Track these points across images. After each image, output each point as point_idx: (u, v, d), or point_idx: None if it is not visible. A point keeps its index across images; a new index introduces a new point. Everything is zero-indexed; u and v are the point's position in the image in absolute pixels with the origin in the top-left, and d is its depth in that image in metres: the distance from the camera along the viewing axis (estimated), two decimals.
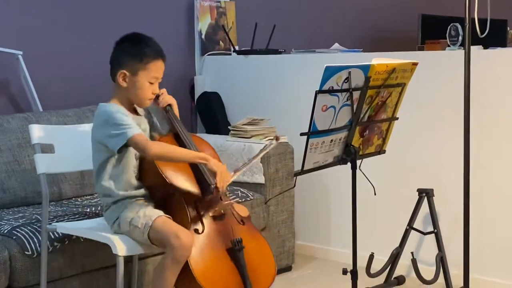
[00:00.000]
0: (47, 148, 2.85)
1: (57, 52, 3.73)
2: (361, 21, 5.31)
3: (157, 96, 2.71)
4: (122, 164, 2.62)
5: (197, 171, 2.68)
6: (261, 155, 2.72)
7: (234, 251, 2.56)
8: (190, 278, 2.47)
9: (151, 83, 2.64)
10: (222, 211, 2.64)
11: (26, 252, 2.68)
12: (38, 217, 2.86)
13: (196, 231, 2.56)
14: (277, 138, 2.75)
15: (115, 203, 2.63)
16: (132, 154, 2.64)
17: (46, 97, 3.61)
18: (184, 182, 2.64)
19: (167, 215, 2.58)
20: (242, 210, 2.75)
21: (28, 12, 3.62)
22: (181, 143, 2.71)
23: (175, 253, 2.47)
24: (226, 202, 2.66)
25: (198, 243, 2.53)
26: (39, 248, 2.70)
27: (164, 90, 2.74)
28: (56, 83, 3.72)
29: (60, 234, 2.75)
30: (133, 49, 2.63)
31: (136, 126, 2.58)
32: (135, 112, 2.72)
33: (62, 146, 2.84)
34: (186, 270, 2.48)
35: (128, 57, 2.62)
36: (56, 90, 3.71)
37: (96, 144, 2.63)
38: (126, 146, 2.57)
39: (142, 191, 2.66)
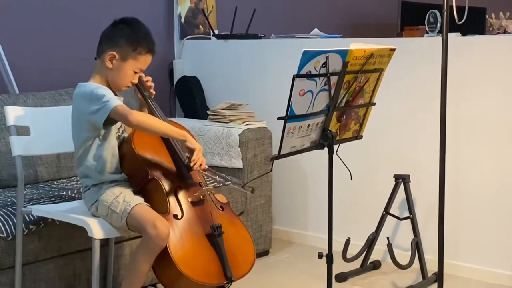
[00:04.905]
0: (23, 130, 2.82)
1: (34, 34, 3.69)
2: (341, 7, 5.31)
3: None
4: (106, 144, 2.60)
5: (175, 155, 2.68)
6: (230, 182, 2.73)
7: (214, 237, 2.56)
8: (169, 263, 2.46)
9: (135, 73, 2.64)
10: (201, 196, 2.63)
11: (1, 235, 2.66)
12: (14, 199, 2.84)
13: (175, 216, 2.55)
14: (252, 191, 2.75)
15: (95, 186, 2.62)
16: (114, 135, 2.62)
17: (23, 79, 3.57)
18: (163, 167, 2.63)
19: (146, 203, 2.57)
20: (220, 198, 2.75)
21: None
22: None
23: (150, 242, 2.46)
24: (205, 188, 2.65)
25: (177, 229, 2.52)
26: (14, 231, 2.68)
27: (149, 78, 2.74)
28: (33, 65, 3.68)
29: (36, 217, 2.74)
30: (131, 35, 2.61)
31: (116, 98, 2.55)
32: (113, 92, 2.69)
33: (38, 128, 2.81)
34: (165, 255, 2.47)
35: (123, 41, 2.60)
36: (33, 72, 3.68)
37: (78, 125, 2.60)
38: (110, 123, 2.55)
39: (123, 175, 2.65)
